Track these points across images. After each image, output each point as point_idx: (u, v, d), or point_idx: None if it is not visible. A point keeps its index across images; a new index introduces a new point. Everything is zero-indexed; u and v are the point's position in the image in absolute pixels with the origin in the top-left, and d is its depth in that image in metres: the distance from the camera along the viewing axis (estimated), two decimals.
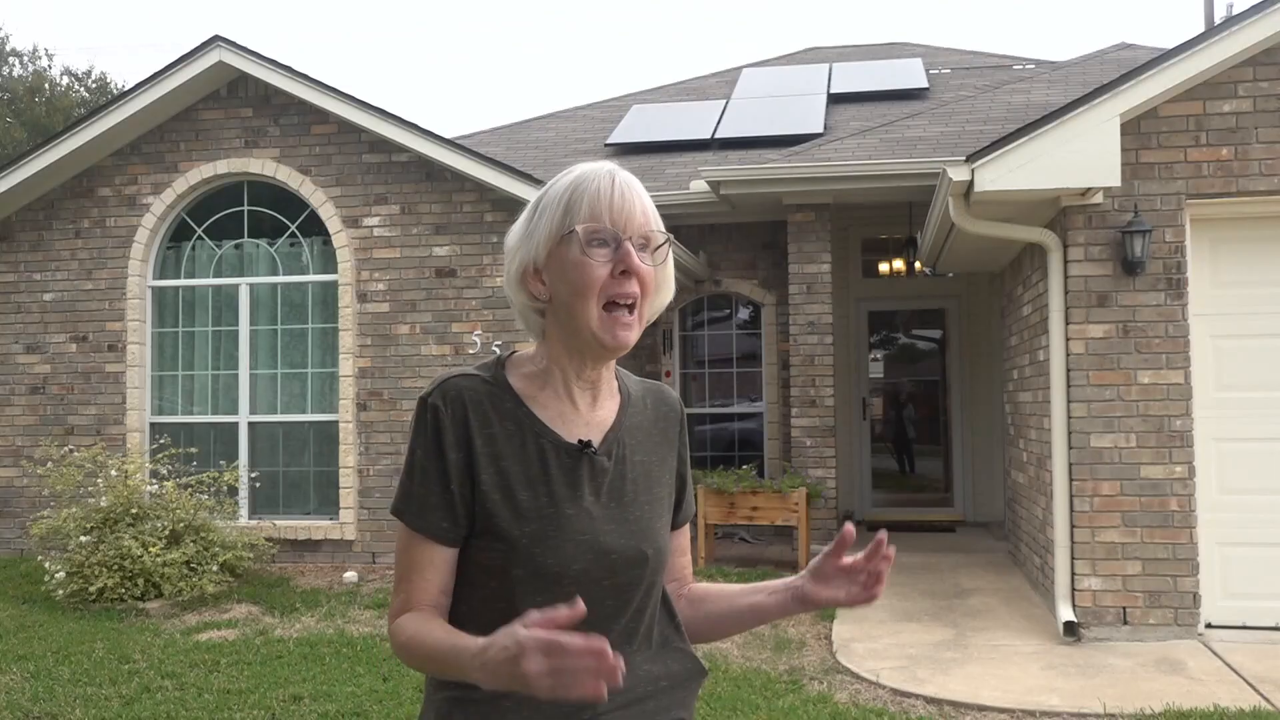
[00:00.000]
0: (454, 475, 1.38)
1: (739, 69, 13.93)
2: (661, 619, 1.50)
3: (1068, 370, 5.88)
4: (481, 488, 1.38)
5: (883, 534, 1.45)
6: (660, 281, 1.46)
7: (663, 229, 1.45)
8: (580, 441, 1.44)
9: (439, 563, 1.39)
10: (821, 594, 1.49)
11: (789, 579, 1.53)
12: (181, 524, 7.00)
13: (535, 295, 1.45)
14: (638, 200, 1.42)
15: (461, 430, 1.39)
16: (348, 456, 8.17)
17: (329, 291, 8.43)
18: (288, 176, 8.42)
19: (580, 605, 1.13)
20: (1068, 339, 5.89)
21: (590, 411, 1.47)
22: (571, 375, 1.46)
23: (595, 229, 1.39)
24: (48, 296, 8.81)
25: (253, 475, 8.39)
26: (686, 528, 1.62)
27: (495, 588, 1.38)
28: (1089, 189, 5.71)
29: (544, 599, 1.33)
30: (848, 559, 1.48)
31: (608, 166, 1.44)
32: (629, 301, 1.40)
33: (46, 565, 7.00)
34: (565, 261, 1.40)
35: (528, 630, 1.12)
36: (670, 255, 1.47)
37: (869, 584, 1.47)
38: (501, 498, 1.38)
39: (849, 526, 1.44)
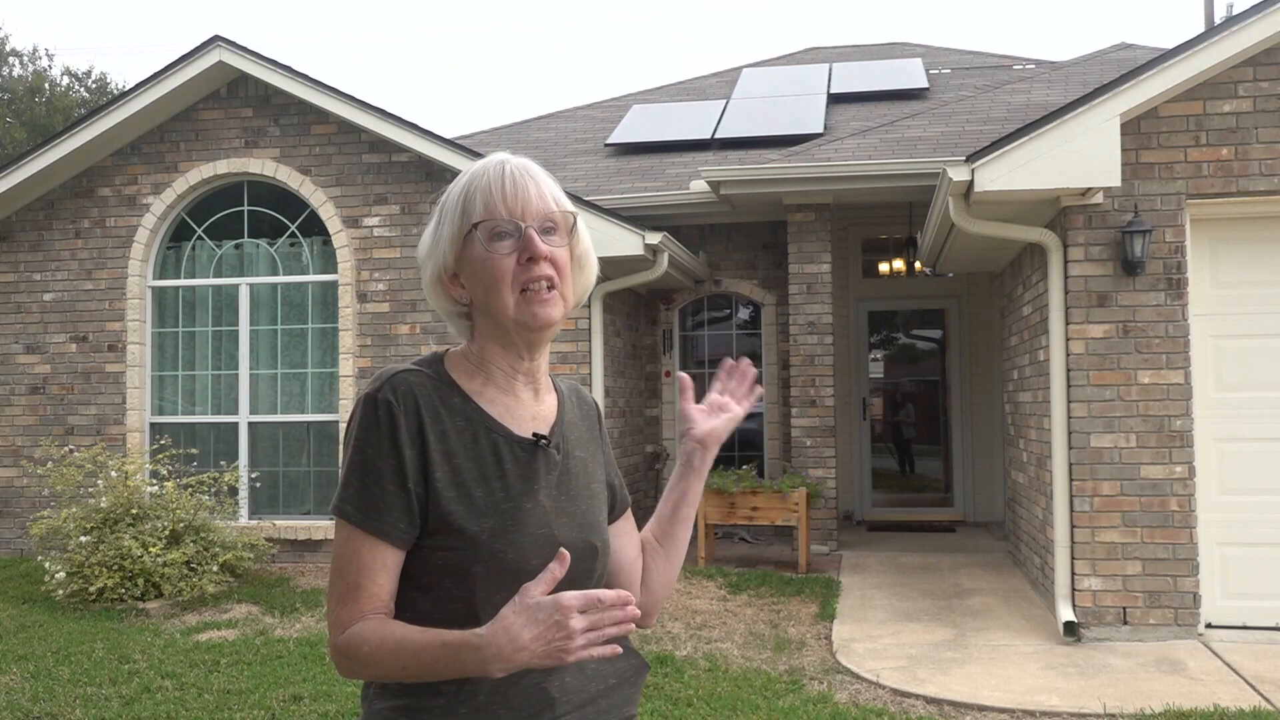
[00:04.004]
0: (410, 473, 1.34)
1: (739, 69, 13.93)
2: None
3: (1068, 370, 5.88)
4: (435, 485, 1.35)
5: (730, 362, 1.64)
6: (578, 258, 1.46)
7: (567, 207, 1.44)
8: (535, 435, 1.44)
9: (391, 566, 1.34)
10: (715, 421, 1.58)
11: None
12: (181, 524, 7.00)
13: (456, 299, 1.45)
14: (532, 184, 1.41)
15: (415, 426, 1.36)
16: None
17: (329, 291, 8.43)
18: (288, 176, 8.42)
19: (566, 555, 1.22)
20: (1068, 339, 5.89)
21: (534, 405, 1.48)
22: (509, 370, 1.45)
23: (493, 223, 1.39)
24: (48, 296, 8.81)
25: (253, 475, 8.39)
26: (629, 510, 1.65)
27: (451, 587, 1.36)
28: (1089, 189, 5.71)
29: (504, 595, 1.32)
30: (714, 395, 1.61)
31: (499, 157, 1.43)
32: (544, 284, 1.40)
33: (46, 565, 7.00)
34: (473, 261, 1.40)
35: (562, 594, 1.19)
36: (583, 231, 1.46)
37: (739, 399, 1.61)
38: (457, 495, 1.35)
39: (684, 375, 1.57)
